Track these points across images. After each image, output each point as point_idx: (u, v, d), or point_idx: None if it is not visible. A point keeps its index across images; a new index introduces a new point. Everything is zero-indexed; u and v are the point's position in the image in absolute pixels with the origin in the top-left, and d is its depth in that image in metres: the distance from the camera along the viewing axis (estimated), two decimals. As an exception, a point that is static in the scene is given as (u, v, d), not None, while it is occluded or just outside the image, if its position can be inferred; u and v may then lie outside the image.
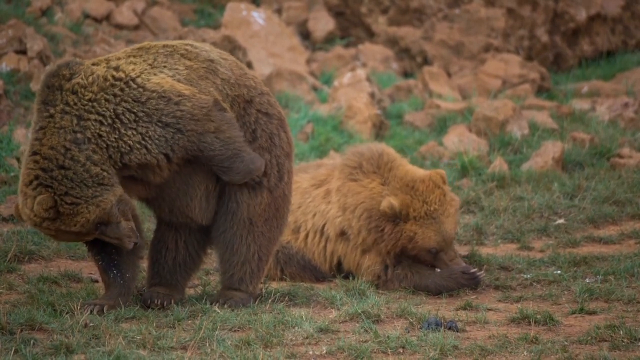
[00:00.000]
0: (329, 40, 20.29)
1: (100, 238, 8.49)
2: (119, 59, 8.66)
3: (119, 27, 18.34)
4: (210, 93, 8.70)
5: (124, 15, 18.47)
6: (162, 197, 8.78)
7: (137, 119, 8.46)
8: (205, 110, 8.58)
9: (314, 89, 17.67)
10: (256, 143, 8.93)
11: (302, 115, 16.01)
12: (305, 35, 20.37)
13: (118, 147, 8.42)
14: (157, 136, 8.48)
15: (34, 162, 8.34)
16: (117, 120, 8.42)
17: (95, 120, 8.41)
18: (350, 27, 20.67)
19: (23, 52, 15.43)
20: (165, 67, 8.67)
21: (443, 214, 9.99)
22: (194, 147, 8.54)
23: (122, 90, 8.48)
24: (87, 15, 18.11)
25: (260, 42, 18.43)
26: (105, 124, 8.41)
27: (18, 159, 12.41)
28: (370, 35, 20.54)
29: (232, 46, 16.33)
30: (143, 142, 8.46)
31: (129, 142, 8.44)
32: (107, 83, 8.50)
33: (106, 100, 8.46)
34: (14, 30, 15.44)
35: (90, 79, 8.49)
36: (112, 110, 8.44)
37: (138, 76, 8.54)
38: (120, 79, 8.51)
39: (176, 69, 8.69)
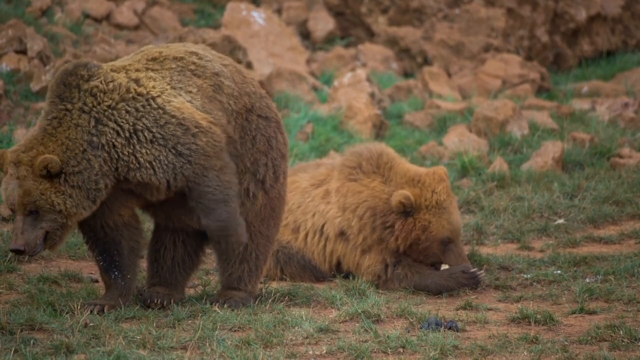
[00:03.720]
0: (329, 40, 20.30)
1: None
2: (138, 70, 8.64)
3: (119, 27, 18.34)
4: (220, 122, 8.70)
5: (124, 15, 18.47)
6: (159, 206, 8.80)
7: (153, 139, 8.46)
8: (218, 148, 8.58)
9: (314, 89, 17.66)
10: (254, 148, 8.97)
11: (302, 115, 16.01)
12: (305, 35, 20.37)
13: (128, 162, 8.42)
14: (167, 162, 8.48)
15: (50, 140, 8.34)
16: (134, 135, 8.42)
17: (113, 129, 8.41)
18: (350, 27, 20.68)
19: (23, 52, 15.43)
20: (181, 88, 8.68)
21: (451, 204, 10.09)
22: (195, 179, 8.52)
23: (143, 106, 8.48)
24: (87, 15, 18.12)
25: (260, 42, 18.43)
26: (122, 136, 8.41)
27: (18, 159, 12.38)
28: (370, 35, 20.54)
29: (232, 46, 16.32)
30: (153, 163, 8.45)
31: (140, 159, 8.43)
32: (130, 95, 8.49)
33: (127, 112, 8.45)
34: (14, 30, 15.45)
35: (110, 85, 8.48)
36: (131, 124, 8.43)
37: (159, 96, 8.54)
38: (142, 95, 8.50)
39: (190, 92, 8.69)
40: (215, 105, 8.75)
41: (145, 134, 8.44)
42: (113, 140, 8.41)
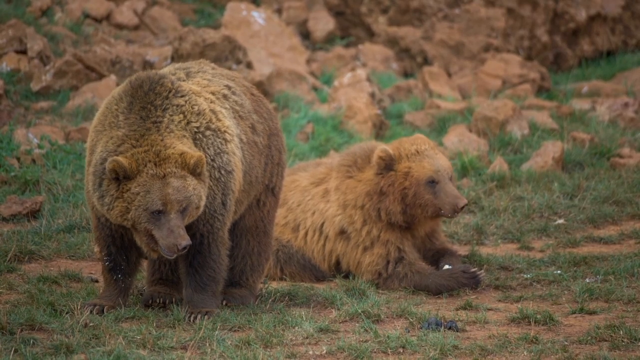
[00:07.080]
0: (329, 40, 20.30)
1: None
2: (212, 102, 8.68)
3: (119, 27, 18.35)
4: (253, 182, 8.88)
5: (124, 15, 18.47)
6: None
7: (219, 179, 8.54)
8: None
9: (314, 89, 17.67)
10: (273, 164, 9.16)
11: (302, 115, 16.01)
12: (305, 35, 20.37)
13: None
14: (212, 206, 8.53)
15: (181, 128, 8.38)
16: (211, 168, 8.48)
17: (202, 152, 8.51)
18: (350, 27, 20.68)
19: (23, 52, 15.44)
20: (239, 136, 8.76)
21: (433, 150, 10.29)
22: (210, 241, 8.57)
23: (222, 144, 8.55)
24: (87, 15, 18.12)
25: (260, 42, 18.44)
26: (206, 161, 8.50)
27: (18, 159, 12.39)
28: (370, 35, 20.54)
29: (232, 46, 16.32)
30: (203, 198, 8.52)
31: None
32: (213, 126, 8.54)
33: (212, 143, 8.50)
34: (14, 30, 15.45)
35: (195, 108, 8.51)
36: (211, 157, 8.49)
37: (232, 140, 8.61)
38: (220, 131, 8.56)
39: (242, 140, 8.77)
40: (254, 150, 8.89)
41: (215, 173, 8.50)
42: None
